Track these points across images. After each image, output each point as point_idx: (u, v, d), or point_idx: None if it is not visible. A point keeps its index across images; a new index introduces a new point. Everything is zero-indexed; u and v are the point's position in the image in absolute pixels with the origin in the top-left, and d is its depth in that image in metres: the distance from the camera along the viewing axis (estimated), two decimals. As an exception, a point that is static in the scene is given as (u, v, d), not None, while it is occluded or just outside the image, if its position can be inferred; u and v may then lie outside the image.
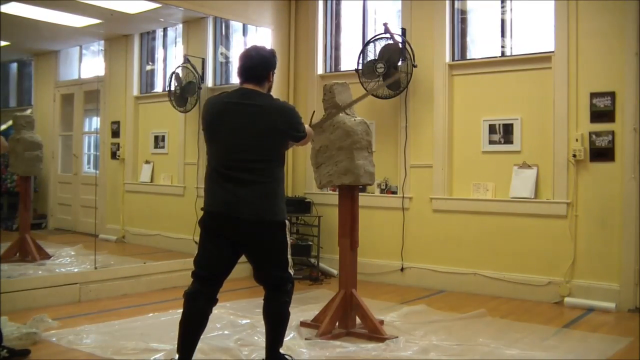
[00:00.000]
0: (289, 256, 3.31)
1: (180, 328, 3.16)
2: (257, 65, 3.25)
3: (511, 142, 5.68)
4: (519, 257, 5.54)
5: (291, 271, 3.33)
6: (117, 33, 7.18)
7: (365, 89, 6.12)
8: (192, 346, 3.19)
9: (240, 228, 3.12)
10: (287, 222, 3.29)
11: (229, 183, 3.10)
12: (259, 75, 3.24)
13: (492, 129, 5.80)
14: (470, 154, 5.92)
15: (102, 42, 7.12)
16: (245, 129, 3.11)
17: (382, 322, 4.37)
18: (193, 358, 3.17)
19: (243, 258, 7.08)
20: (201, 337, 3.23)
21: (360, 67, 6.25)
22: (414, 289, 5.95)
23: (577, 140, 5.24)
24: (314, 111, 4.14)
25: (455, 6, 6.11)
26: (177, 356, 3.18)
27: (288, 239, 3.30)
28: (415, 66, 6.04)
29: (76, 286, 5.17)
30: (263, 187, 3.12)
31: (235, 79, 7.44)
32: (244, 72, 3.26)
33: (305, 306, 4.99)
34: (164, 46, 7.57)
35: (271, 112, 3.16)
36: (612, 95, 5.13)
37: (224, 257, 3.22)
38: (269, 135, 3.14)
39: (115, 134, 7.35)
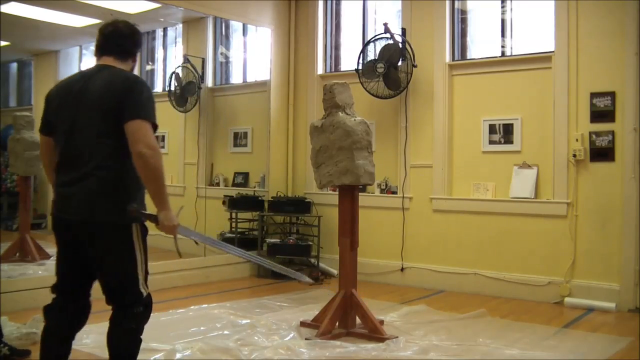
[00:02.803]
0: (140, 270, 2.57)
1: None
2: (124, 35, 2.71)
3: (511, 142, 5.68)
4: (519, 257, 5.54)
5: (143, 290, 2.58)
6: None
7: (365, 89, 6.13)
8: None
9: (73, 230, 2.58)
10: (135, 224, 2.57)
11: (61, 178, 2.62)
12: (125, 50, 2.70)
13: (492, 129, 5.80)
14: (470, 154, 5.92)
15: (102, 42, 7.10)
16: (75, 112, 2.57)
17: (382, 322, 4.37)
18: (193, 358, 3.13)
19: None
20: (202, 336, 3.17)
21: (360, 67, 6.25)
22: (414, 289, 5.95)
23: (577, 140, 5.24)
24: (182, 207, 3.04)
25: (455, 6, 6.11)
26: (177, 355, 3.11)
27: (136, 246, 2.57)
28: (415, 66, 6.04)
29: (76, 286, 5.16)
30: (95, 180, 2.51)
31: (235, 79, 7.53)
32: (104, 42, 2.69)
33: (305, 306, 5.00)
34: (164, 46, 7.57)
35: (102, 84, 2.54)
36: (612, 95, 5.13)
37: (70, 265, 2.67)
38: (98, 113, 2.52)
39: (115, 134, 7.34)
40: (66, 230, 2.60)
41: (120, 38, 2.69)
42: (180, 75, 7.09)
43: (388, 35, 6.11)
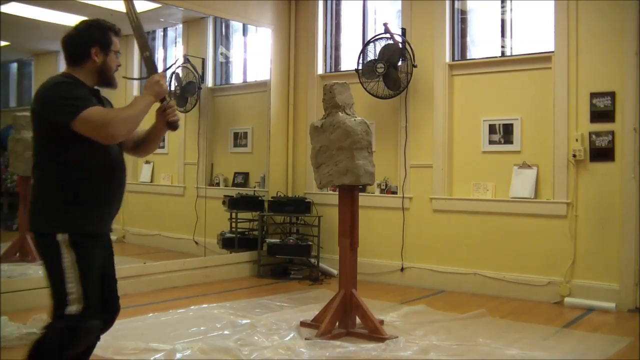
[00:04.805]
0: (69, 284, 2.39)
1: None
2: (68, 39, 2.62)
3: (511, 142, 5.68)
4: (519, 257, 5.54)
5: (72, 307, 2.38)
6: (117, 33, 7.18)
7: (365, 89, 6.14)
8: None
9: None
10: (60, 235, 2.40)
11: None
12: (72, 54, 2.60)
13: (492, 129, 5.80)
14: (470, 154, 5.92)
15: (102, 42, 7.10)
16: None
17: (382, 322, 4.37)
18: (193, 358, 3.14)
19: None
20: (202, 336, 3.17)
21: (360, 67, 6.25)
22: (414, 289, 5.95)
23: (577, 140, 5.24)
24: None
25: (455, 6, 6.11)
26: (177, 355, 3.12)
27: (63, 256, 2.39)
28: (415, 66, 6.04)
29: (76, 286, 5.16)
30: (33, 191, 2.52)
31: (235, 79, 7.53)
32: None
33: (305, 306, 5.00)
34: (164, 46, 7.57)
35: (34, 95, 2.52)
36: (612, 95, 5.13)
37: None
38: (34, 127, 2.52)
39: (115, 134, 7.34)
40: None
41: (65, 43, 2.62)
42: (181, 75, 7.09)
43: (388, 35, 6.11)
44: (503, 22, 5.86)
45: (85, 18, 2.69)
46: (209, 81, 7.25)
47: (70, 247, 2.39)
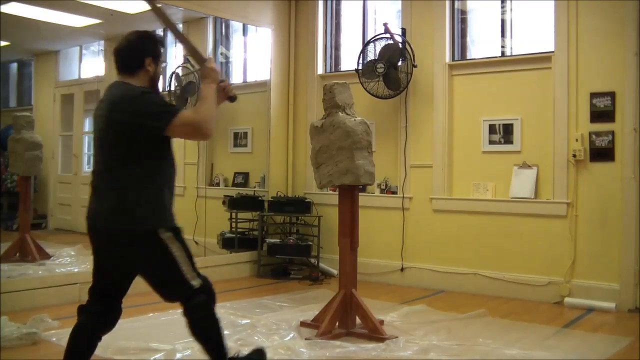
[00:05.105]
0: (183, 268, 2.74)
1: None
2: (122, 50, 2.84)
3: (511, 142, 5.68)
4: (519, 257, 5.54)
5: (194, 282, 2.75)
6: (117, 33, 7.17)
7: (365, 89, 6.14)
8: None
9: (102, 240, 2.76)
10: (163, 233, 2.72)
11: (92, 190, 2.78)
12: (127, 64, 2.82)
13: (492, 129, 5.80)
14: (470, 154, 5.92)
15: (102, 42, 7.11)
16: (97, 128, 2.76)
17: (382, 322, 4.37)
18: (193, 358, 3.15)
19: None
20: None
21: (360, 67, 6.25)
22: (414, 289, 5.95)
23: (577, 140, 5.24)
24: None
25: (455, 6, 6.11)
26: (177, 355, 3.15)
27: (172, 250, 2.72)
28: (415, 66, 6.04)
29: (76, 286, 5.16)
30: (115, 193, 2.68)
31: (235, 79, 7.52)
32: (114, 61, 2.86)
33: (305, 306, 5.00)
34: (164, 46, 7.55)
35: (112, 103, 2.70)
36: (612, 95, 5.13)
37: (103, 272, 2.85)
38: (112, 133, 2.68)
39: (115, 134, 7.33)
40: (95, 239, 2.79)
41: (120, 53, 2.84)
42: (181, 75, 7.09)
43: (388, 35, 6.11)
44: (503, 22, 5.86)
45: (138, 29, 2.94)
46: (209, 81, 7.24)
47: (174, 239, 2.71)
